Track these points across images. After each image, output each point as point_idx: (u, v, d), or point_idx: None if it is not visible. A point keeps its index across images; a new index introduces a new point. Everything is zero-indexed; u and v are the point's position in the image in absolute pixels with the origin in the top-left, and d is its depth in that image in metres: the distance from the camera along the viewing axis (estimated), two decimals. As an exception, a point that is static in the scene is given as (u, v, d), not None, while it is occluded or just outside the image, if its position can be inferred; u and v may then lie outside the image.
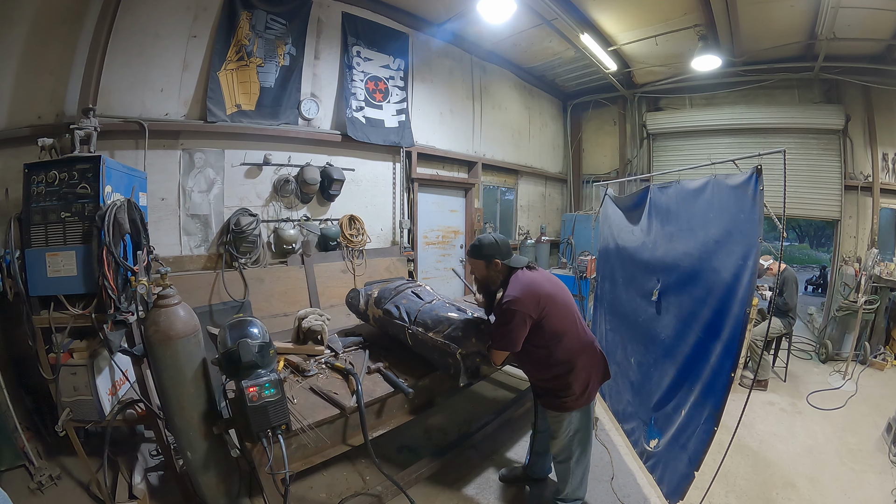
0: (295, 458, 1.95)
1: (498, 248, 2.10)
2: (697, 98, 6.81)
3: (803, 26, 4.77)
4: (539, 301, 1.96)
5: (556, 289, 2.09)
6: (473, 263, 2.20)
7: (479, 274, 2.19)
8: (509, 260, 2.10)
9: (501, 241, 2.14)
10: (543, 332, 1.99)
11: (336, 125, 4.40)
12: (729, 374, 1.86)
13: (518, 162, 6.93)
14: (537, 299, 1.96)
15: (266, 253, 3.89)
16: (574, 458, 2.18)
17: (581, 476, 2.26)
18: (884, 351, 4.72)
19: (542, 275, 2.11)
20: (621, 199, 3.45)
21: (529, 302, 1.94)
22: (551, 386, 2.11)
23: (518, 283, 2.01)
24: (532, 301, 1.95)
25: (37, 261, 2.11)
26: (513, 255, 2.13)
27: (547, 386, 2.13)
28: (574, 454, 2.18)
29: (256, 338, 1.86)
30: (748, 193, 1.85)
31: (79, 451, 2.24)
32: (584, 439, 2.18)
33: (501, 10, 4.42)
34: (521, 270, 2.07)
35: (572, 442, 2.15)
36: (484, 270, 2.14)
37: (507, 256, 2.11)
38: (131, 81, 3.20)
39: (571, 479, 2.23)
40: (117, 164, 2.39)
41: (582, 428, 2.16)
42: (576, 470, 2.22)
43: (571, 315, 2.09)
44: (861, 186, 5.61)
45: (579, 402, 2.08)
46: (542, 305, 1.96)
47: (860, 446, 3.10)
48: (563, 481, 2.26)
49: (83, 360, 2.12)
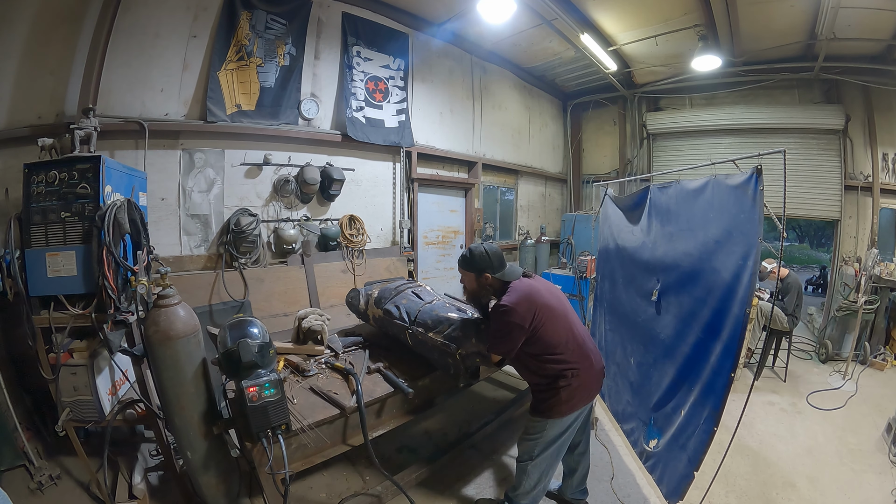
0: (295, 458, 1.95)
1: (489, 262, 2.05)
2: (697, 98, 6.81)
3: (803, 26, 4.77)
4: (535, 313, 1.92)
5: (554, 299, 2.05)
6: (464, 274, 2.16)
7: (468, 286, 2.17)
8: (502, 273, 2.05)
9: (493, 253, 2.07)
10: (538, 342, 1.96)
11: (336, 125, 4.40)
12: (729, 374, 1.85)
13: (518, 162, 6.93)
14: (533, 310, 1.92)
15: (266, 253, 3.89)
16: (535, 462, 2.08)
17: (535, 483, 2.12)
18: (884, 351, 4.72)
19: (540, 283, 2.08)
20: (621, 199, 3.45)
21: (524, 313, 1.91)
22: (536, 391, 2.08)
23: (515, 292, 1.97)
24: (527, 312, 1.91)
25: (37, 261, 2.10)
26: (507, 266, 2.08)
27: (533, 390, 2.11)
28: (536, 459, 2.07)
29: (256, 338, 1.87)
30: (748, 193, 1.85)
31: (79, 451, 2.24)
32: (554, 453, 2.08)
33: (501, 11, 4.42)
34: (518, 281, 2.03)
35: (537, 447, 2.05)
36: (473, 283, 2.11)
37: (500, 269, 2.05)
38: (131, 81, 3.20)
39: (525, 482, 2.12)
40: (117, 164, 2.39)
41: (554, 439, 2.04)
42: (532, 475, 2.10)
43: (568, 327, 2.03)
44: (861, 186, 5.61)
45: (561, 412, 1.98)
46: (537, 317, 1.92)
47: (860, 446, 3.10)
48: (518, 482, 2.16)
49: (83, 360, 2.12)
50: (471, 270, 2.10)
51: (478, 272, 2.07)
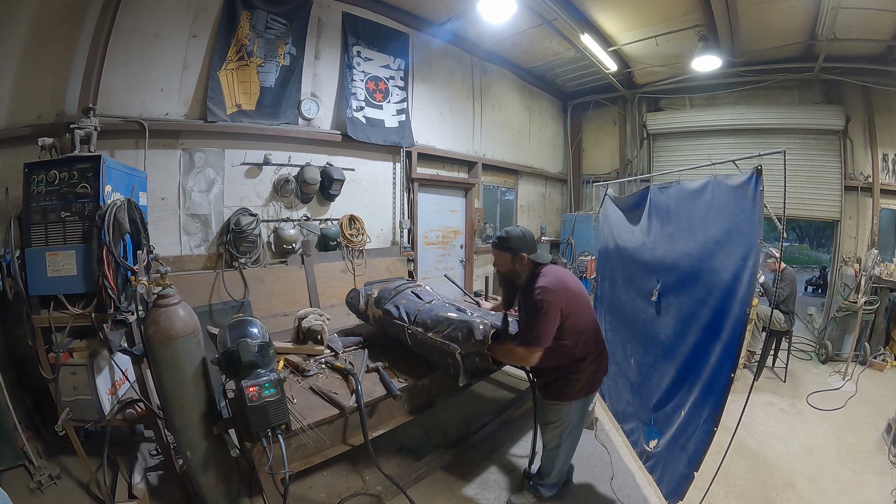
0: (295, 457, 1.95)
1: (525, 242, 2.10)
2: (698, 98, 6.81)
3: (803, 27, 4.77)
4: (568, 296, 1.99)
5: (579, 287, 2.13)
6: (499, 255, 2.17)
7: (503, 267, 2.17)
8: (535, 255, 2.10)
9: (528, 234, 2.14)
10: (565, 328, 2.00)
11: (336, 125, 4.40)
12: (728, 374, 1.85)
13: (518, 162, 6.92)
14: (568, 294, 1.99)
15: (266, 253, 3.89)
16: (564, 446, 2.25)
17: (564, 461, 2.33)
18: (884, 351, 4.72)
19: (565, 272, 2.14)
20: (621, 199, 3.45)
21: (561, 294, 1.96)
22: (558, 375, 2.12)
23: (550, 274, 2.02)
24: (564, 293, 1.97)
25: (37, 260, 2.10)
26: (538, 250, 2.14)
27: (554, 376, 2.14)
28: (564, 443, 2.23)
29: (256, 337, 1.86)
30: (748, 194, 1.85)
31: (78, 451, 2.24)
32: (577, 431, 2.27)
33: (501, 11, 4.42)
34: (548, 265, 2.09)
35: (565, 431, 2.20)
36: (509, 264, 2.12)
37: (534, 251, 2.11)
38: (131, 81, 3.19)
39: (557, 464, 2.30)
40: (117, 164, 2.39)
41: (577, 420, 2.21)
42: (561, 458, 2.29)
43: (590, 312, 2.14)
44: (861, 187, 5.61)
45: (582, 393, 2.12)
46: (570, 302, 1.99)
47: (860, 447, 3.10)
48: (550, 467, 2.32)
49: (83, 359, 2.12)
50: (507, 251, 2.11)
51: (514, 252, 2.09)
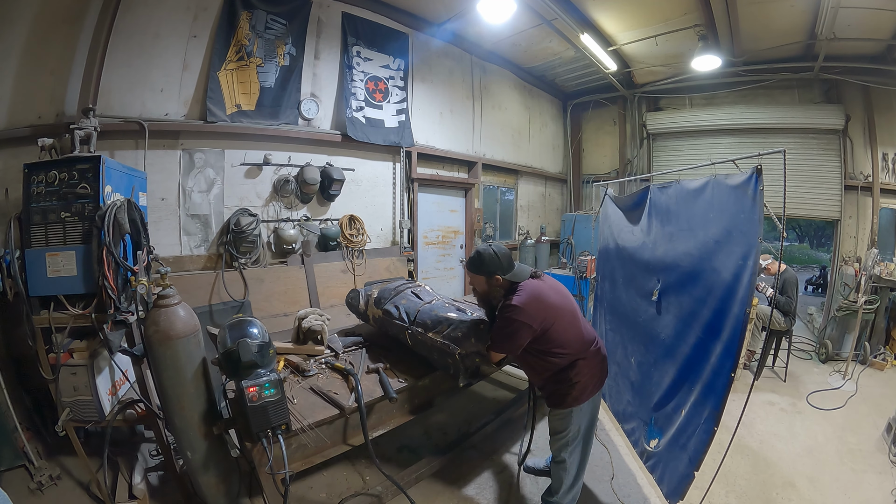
0: (295, 458, 1.95)
1: (499, 263, 2.03)
2: (697, 98, 6.81)
3: (803, 26, 4.77)
4: (546, 314, 1.93)
5: (562, 299, 2.05)
6: (473, 278, 2.14)
7: (479, 288, 2.14)
8: (511, 274, 2.03)
9: (502, 254, 2.06)
10: (548, 341, 1.95)
11: (336, 125, 4.40)
12: (729, 373, 1.86)
13: (518, 162, 6.92)
14: (543, 312, 1.92)
15: (266, 253, 3.89)
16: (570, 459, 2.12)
17: (574, 479, 2.18)
18: (884, 351, 4.71)
19: (547, 284, 2.07)
20: (621, 199, 3.45)
21: (534, 313, 1.91)
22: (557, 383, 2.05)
23: (524, 292, 1.95)
24: (537, 313, 1.91)
25: (37, 261, 2.10)
26: (515, 267, 2.06)
27: (552, 385, 2.08)
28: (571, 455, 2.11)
29: (256, 338, 1.87)
30: (748, 193, 1.85)
31: (79, 451, 2.24)
32: (584, 445, 2.13)
33: (501, 10, 4.42)
34: (526, 281, 2.02)
35: (569, 442, 2.08)
36: (484, 286, 2.09)
37: (509, 270, 2.03)
38: (131, 81, 3.19)
39: (566, 479, 2.16)
40: (117, 164, 2.39)
41: (584, 431, 2.09)
42: (570, 470, 2.14)
43: (577, 324, 2.06)
44: (861, 186, 5.61)
45: (584, 396, 2.03)
46: (548, 318, 1.92)
47: (860, 446, 3.10)
48: (558, 484, 2.19)
49: (83, 360, 2.12)
50: (481, 274, 2.06)
51: (488, 275, 2.04)
